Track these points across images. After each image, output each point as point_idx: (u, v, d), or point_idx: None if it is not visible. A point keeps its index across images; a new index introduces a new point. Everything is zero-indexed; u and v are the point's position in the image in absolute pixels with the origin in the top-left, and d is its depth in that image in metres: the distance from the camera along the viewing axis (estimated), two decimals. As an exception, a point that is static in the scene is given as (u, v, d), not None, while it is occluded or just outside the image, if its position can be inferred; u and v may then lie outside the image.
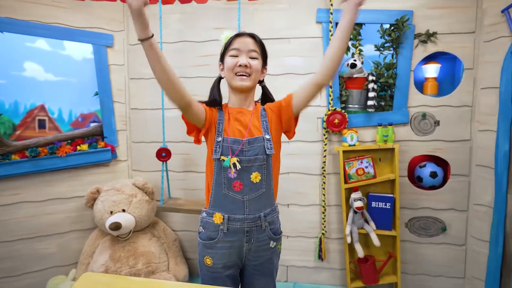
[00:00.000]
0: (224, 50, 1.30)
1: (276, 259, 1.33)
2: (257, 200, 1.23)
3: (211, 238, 1.24)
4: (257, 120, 1.27)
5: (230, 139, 1.22)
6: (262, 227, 1.24)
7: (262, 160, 1.22)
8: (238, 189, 1.21)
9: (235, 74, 1.24)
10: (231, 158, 1.18)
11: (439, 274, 2.28)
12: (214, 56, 2.26)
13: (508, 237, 2.02)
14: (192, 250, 2.48)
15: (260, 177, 1.22)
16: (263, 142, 1.22)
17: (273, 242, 1.28)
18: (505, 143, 2.00)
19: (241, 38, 1.24)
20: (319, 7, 2.18)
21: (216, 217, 1.23)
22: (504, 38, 1.96)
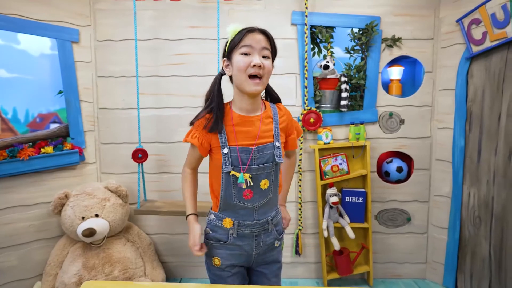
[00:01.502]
0: (231, 46, 1.15)
1: (280, 256, 1.34)
2: (265, 205, 1.22)
3: (222, 240, 1.23)
4: (268, 125, 1.20)
5: (239, 148, 1.15)
6: (269, 230, 1.25)
7: (271, 167, 1.18)
8: (248, 198, 1.18)
9: (248, 76, 1.12)
10: (244, 174, 1.14)
11: (404, 261, 2.46)
12: (189, 55, 2.26)
13: (464, 224, 2.25)
14: (167, 254, 2.42)
15: (268, 183, 1.20)
16: (273, 150, 1.18)
17: (277, 242, 1.29)
18: (460, 139, 2.22)
19: (253, 34, 1.11)
20: (294, 9, 2.25)
21: (226, 222, 1.22)
22: (459, 45, 2.18)
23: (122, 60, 2.26)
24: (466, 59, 2.15)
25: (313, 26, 2.26)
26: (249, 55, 1.12)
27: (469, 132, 2.18)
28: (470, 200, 2.19)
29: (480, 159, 2.13)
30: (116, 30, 2.26)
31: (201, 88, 2.27)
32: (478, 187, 2.15)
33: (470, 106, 2.17)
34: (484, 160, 2.11)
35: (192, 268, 2.42)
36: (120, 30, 2.25)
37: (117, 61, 2.27)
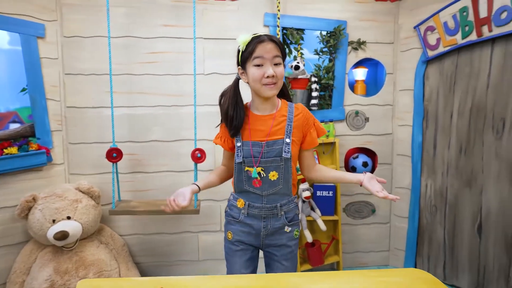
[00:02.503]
0: (244, 56, 1.25)
1: (294, 244, 1.39)
2: (274, 194, 1.33)
3: (234, 217, 1.39)
4: (281, 122, 1.30)
5: (251, 142, 1.29)
6: (278, 215, 1.34)
7: (279, 161, 1.29)
8: (258, 186, 1.32)
9: (262, 84, 1.23)
10: (257, 168, 1.29)
11: (370, 250, 2.64)
12: (164, 53, 2.26)
13: (422, 212, 2.47)
14: (142, 254, 2.38)
15: (277, 175, 1.30)
16: (282, 145, 1.28)
17: (288, 227, 1.37)
18: (418, 135, 2.43)
19: (263, 45, 1.20)
20: (266, 11, 2.32)
21: (239, 202, 1.37)
22: (416, 49, 2.39)
23: (91, 58, 2.20)
24: (423, 62, 2.35)
25: (284, 28, 2.35)
26: (262, 65, 1.22)
27: (426, 129, 2.40)
28: (427, 190, 2.41)
29: (435, 153, 2.35)
30: (84, 26, 2.19)
31: (176, 87, 2.29)
32: (434, 179, 2.37)
33: (426, 105, 2.38)
34: (439, 154, 2.33)
35: (168, 267, 2.41)
36: (89, 27, 2.18)
37: (86, 59, 2.20)
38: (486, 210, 2.11)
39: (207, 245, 2.42)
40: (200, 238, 2.41)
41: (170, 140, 2.32)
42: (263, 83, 1.22)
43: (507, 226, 2.02)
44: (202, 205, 2.29)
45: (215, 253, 2.42)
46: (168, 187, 2.32)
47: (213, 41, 2.29)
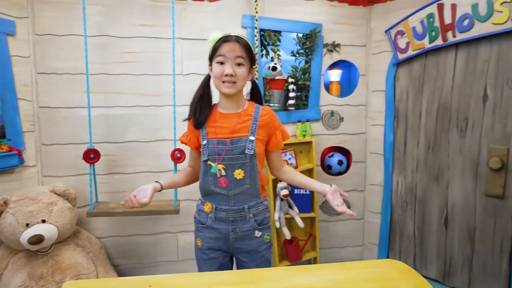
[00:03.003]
0: (211, 53, 1.33)
1: (264, 249, 1.40)
2: (241, 194, 1.33)
3: (202, 223, 1.38)
4: (247, 121, 1.33)
5: (216, 140, 1.31)
6: (246, 218, 1.34)
7: (245, 158, 1.30)
8: (224, 185, 1.32)
9: (221, 81, 1.29)
10: (218, 165, 1.29)
11: (345, 245, 2.74)
12: (141, 53, 2.24)
13: (394, 208, 2.59)
14: (119, 256, 2.35)
15: (243, 174, 1.31)
16: (245, 143, 1.29)
17: (258, 232, 1.36)
18: (390, 134, 2.55)
19: (227, 44, 1.26)
20: (245, 13, 2.35)
21: (206, 206, 1.37)
22: (387, 52, 2.50)
23: (65, 57, 2.14)
24: (394, 64, 2.47)
25: (262, 30, 2.40)
26: (224, 63, 1.28)
27: (397, 128, 2.52)
28: (399, 187, 2.53)
29: (406, 151, 2.48)
30: (58, 24, 2.13)
31: (154, 87, 2.28)
32: (405, 175, 2.49)
33: (397, 106, 2.50)
34: (409, 152, 2.46)
35: (146, 269, 2.39)
36: (62, 24, 2.13)
37: (60, 57, 2.15)
38: (452, 204, 2.25)
39: (186, 245, 2.42)
40: (179, 238, 2.41)
41: (148, 141, 2.30)
42: (222, 80, 1.27)
43: (470, 219, 2.16)
44: (181, 205, 2.29)
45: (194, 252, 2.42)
46: (146, 187, 2.29)
47: (191, 42, 2.30)
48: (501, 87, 2.00)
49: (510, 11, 1.89)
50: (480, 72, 2.07)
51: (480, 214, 2.12)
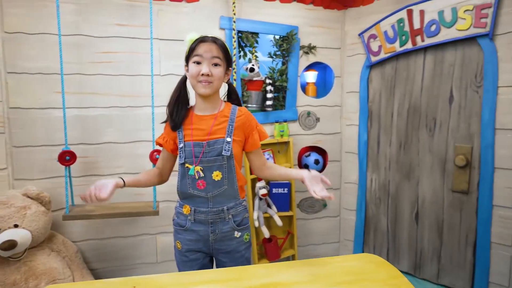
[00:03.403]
0: (187, 54, 1.33)
1: (244, 249, 1.41)
2: (220, 195, 1.33)
3: (181, 226, 1.38)
4: (223, 122, 1.33)
5: (193, 143, 1.31)
6: (225, 219, 1.35)
7: (222, 160, 1.30)
8: (202, 188, 1.32)
9: (198, 81, 1.29)
10: (196, 167, 1.29)
11: (322, 242, 2.81)
12: (117, 53, 2.21)
13: (368, 205, 2.69)
14: (96, 260, 2.30)
15: (221, 175, 1.31)
16: (222, 145, 1.29)
17: (237, 232, 1.37)
18: (364, 134, 2.65)
19: (204, 44, 1.27)
20: (222, 14, 2.37)
21: (185, 208, 1.37)
22: (361, 55, 2.60)
23: (37, 56, 2.08)
24: (367, 67, 2.57)
25: (240, 31, 2.42)
26: (200, 63, 1.28)
27: (370, 128, 2.62)
28: (372, 184, 2.63)
29: (379, 150, 2.58)
30: (29, 22, 2.06)
31: (131, 87, 2.26)
32: (378, 173, 2.60)
33: (370, 106, 2.60)
34: (382, 151, 2.56)
35: (124, 271, 2.35)
36: (34, 23, 2.06)
37: (31, 57, 2.08)
38: (422, 199, 2.37)
39: (166, 246, 2.41)
40: (158, 239, 2.39)
41: (125, 142, 2.27)
42: (198, 80, 1.27)
43: (439, 213, 2.28)
44: (160, 206, 2.27)
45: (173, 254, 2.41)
46: (125, 189, 2.25)
47: (169, 42, 2.29)
48: (465, 89, 2.12)
49: (472, 19, 2.02)
50: (446, 75, 2.20)
51: (447, 209, 2.24)
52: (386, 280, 1.06)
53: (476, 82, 2.08)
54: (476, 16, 2.01)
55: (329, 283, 1.03)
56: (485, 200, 2.04)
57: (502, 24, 1.95)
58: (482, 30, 2.00)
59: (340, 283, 1.03)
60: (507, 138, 1.97)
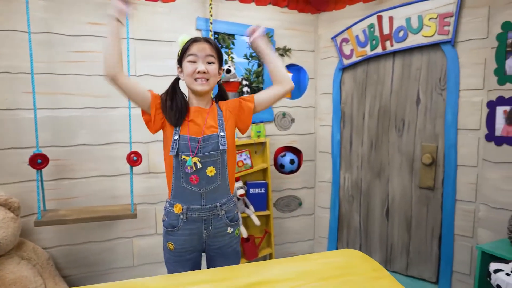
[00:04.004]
0: (181, 54, 1.34)
1: (235, 243, 1.44)
2: (213, 191, 1.34)
3: (173, 226, 1.35)
4: (214, 118, 1.35)
5: (189, 137, 1.30)
6: (219, 215, 1.36)
7: (217, 155, 1.32)
8: (195, 182, 1.31)
9: (194, 79, 1.31)
10: (193, 158, 1.28)
11: (297, 240, 2.88)
12: (91, 53, 2.16)
13: (341, 202, 2.79)
14: (69, 266, 2.22)
15: (215, 171, 1.33)
16: (217, 139, 1.32)
17: (230, 228, 1.39)
18: (337, 134, 2.74)
19: (198, 44, 1.30)
20: (199, 15, 2.37)
21: (176, 208, 1.34)
22: (334, 58, 2.69)
23: (4, 54, 1.98)
24: (339, 69, 2.67)
25: (216, 33, 2.43)
26: (195, 62, 1.30)
27: (343, 128, 2.72)
28: (345, 182, 2.74)
29: (351, 150, 2.69)
30: (-6, 19, 1.95)
31: (105, 88, 2.18)
32: (351, 172, 2.70)
33: (343, 107, 2.70)
34: (354, 150, 2.67)
35: (99, 277, 2.29)
36: (1, 19, 1.96)
37: (-4, 55, 1.97)
38: (392, 196, 2.49)
39: (142, 250, 2.37)
40: (134, 243, 2.35)
41: (100, 144, 2.21)
42: (194, 77, 1.30)
43: (407, 209, 2.42)
44: (137, 208, 2.23)
45: (151, 256, 2.38)
46: (99, 192, 2.21)
47: (144, 42, 2.26)
48: (431, 92, 2.27)
49: (436, 26, 2.16)
50: (413, 78, 2.33)
51: (415, 205, 2.38)
52: (369, 273, 1.12)
53: (440, 86, 2.23)
54: (439, 24, 2.15)
55: (316, 278, 1.08)
56: (449, 196, 2.19)
57: (462, 32, 2.11)
58: (445, 37, 2.15)
59: (327, 278, 1.08)
60: (468, 137, 2.12)
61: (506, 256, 1.73)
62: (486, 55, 2.04)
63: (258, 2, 2.52)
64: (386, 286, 1.05)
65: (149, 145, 2.30)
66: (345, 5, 2.59)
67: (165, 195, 2.33)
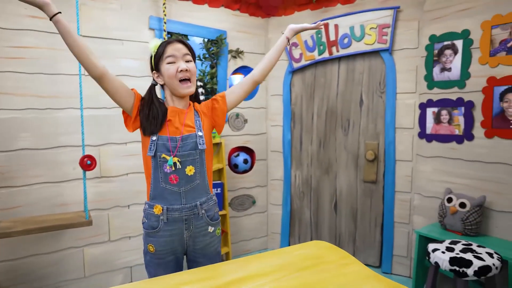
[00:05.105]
0: (156, 58, 1.32)
1: (217, 243, 1.43)
2: (192, 190, 1.33)
3: (153, 227, 1.32)
4: (191, 119, 1.36)
5: (169, 137, 1.30)
6: (199, 214, 1.35)
7: (195, 154, 1.32)
8: (174, 182, 1.30)
9: (178, 80, 1.30)
10: (173, 158, 1.27)
11: (252, 237, 2.96)
12: (33, 49, 2.01)
13: (293, 199, 2.93)
14: (12, 283, 2.01)
15: (194, 170, 1.32)
16: (195, 139, 1.32)
17: (211, 227, 1.39)
18: (288, 134, 2.88)
19: (172, 45, 1.30)
20: (152, 14, 2.31)
21: (156, 209, 1.32)
22: (284, 61, 2.82)
23: None
24: (289, 72, 2.80)
25: (169, 33, 2.40)
26: (175, 63, 1.30)
27: (293, 128, 2.86)
28: (296, 180, 2.89)
29: (301, 148, 2.84)
30: None
31: (50, 87, 2.06)
32: (301, 170, 2.86)
33: (293, 108, 2.84)
34: (304, 149, 2.83)
35: (46, 292, 2.12)
36: None
37: None
38: (339, 191, 2.70)
39: (94, 259, 2.24)
40: (85, 252, 2.21)
41: (44, 148, 2.04)
42: (178, 78, 1.29)
43: (353, 202, 2.64)
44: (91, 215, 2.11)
45: (104, 265, 2.27)
46: (44, 200, 2.04)
47: (94, 40, 2.14)
48: (372, 95, 2.51)
49: (376, 35, 2.40)
50: (357, 81, 2.55)
51: (360, 197, 2.61)
52: (338, 261, 1.23)
53: (380, 89, 2.47)
54: (379, 33, 2.39)
55: (295, 269, 1.15)
56: (389, 188, 2.45)
57: (398, 41, 2.37)
58: (383, 46, 2.39)
59: (304, 268, 1.17)
60: (404, 135, 2.39)
61: (438, 237, 2.00)
62: (417, 63, 2.32)
63: (211, 3, 2.54)
64: (356, 270, 1.17)
65: (101, 148, 2.19)
66: (294, 11, 2.73)
67: (119, 200, 2.27)
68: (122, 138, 2.26)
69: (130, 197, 2.34)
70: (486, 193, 2.00)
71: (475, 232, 1.98)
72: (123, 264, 2.35)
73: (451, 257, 1.62)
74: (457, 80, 2.12)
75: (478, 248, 1.70)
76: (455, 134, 2.14)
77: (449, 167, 2.17)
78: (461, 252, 1.65)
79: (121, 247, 2.32)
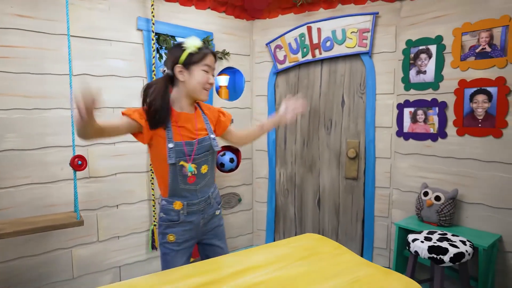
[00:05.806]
0: (193, 59, 1.37)
1: (222, 223, 1.62)
2: (205, 185, 1.49)
3: (174, 221, 1.45)
4: (201, 122, 1.48)
5: (185, 142, 1.39)
6: (211, 203, 1.52)
7: (209, 154, 1.46)
8: (192, 182, 1.42)
9: (203, 88, 1.41)
10: (191, 165, 1.38)
11: (238, 235, 3.03)
12: (20, 48, 2.00)
13: (278, 196, 3.02)
14: (7, 285, 1.97)
15: (207, 168, 1.47)
16: (210, 141, 1.45)
17: (217, 210, 1.57)
18: (272, 133, 2.96)
19: (211, 56, 1.42)
20: (140, 15, 2.32)
21: (176, 204, 1.43)
22: (268, 62, 2.90)
23: None
24: (274, 73, 2.89)
25: (157, 34, 2.42)
26: (208, 73, 1.42)
27: (278, 128, 2.95)
28: (281, 178, 2.98)
29: (286, 147, 2.94)
30: None
31: (37, 87, 2.04)
32: (286, 168, 2.95)
33: (277, 108, 2.93)
34: (289, 148, 2.93)
35: (33, 295, 2.09)
36: None
37: None
38: (322, 187, 2.82)
39: (83, 260, 2.23)
40: (74, 253, 2.20)
41: (31, 148, 2.02)
42: (204, 87, 1.41)
43: (336, 198, 2.77)
44: (78, 216, 2.10)
45: (92, 266, 2.26)
46: (31, 201, 2.02)
47: (81, 40, 2.13)
48: (353, 95, 2.64)
49: (357, 39, 2.53)
50: (339, 83, 2.68)
51: (342, 193, 2.73)
52: (331, 251, 1.33)
53: (360, 90, 2.61)
54: (359, 37, 2.52)
55: (294, 259, 1.24)
56: (370, 184, 2.59)
57: (377, 45, 2.51)
58: (363, 49, 2.53)
59: (302, 258, 1.25)
60: (383, 134, 2.54)
61: (416, 229, 2.15)
62: (395, 65, 2.47)
63: (198, 5, 2.58)
64: (349, 259, 1.27)
65: (89, 149, 2.18)
66: (278, 15, 2.82)
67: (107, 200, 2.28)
68: (110, 138, 2.26)
69: (118, 197, 2.34)
70: (458, 186, 2.17)
71: (448, 223, 2.14)
72: (112, 264, 2.35)
73: (429, 245, 1.76)
74: (432, 82, 2.28)
75: (452, 237, 1.85)
76: (430, 132, 2.30)
77: (425, 163, 2.33)
78: (438, 241, 1.79)
79: (110, 247, 2.32)
